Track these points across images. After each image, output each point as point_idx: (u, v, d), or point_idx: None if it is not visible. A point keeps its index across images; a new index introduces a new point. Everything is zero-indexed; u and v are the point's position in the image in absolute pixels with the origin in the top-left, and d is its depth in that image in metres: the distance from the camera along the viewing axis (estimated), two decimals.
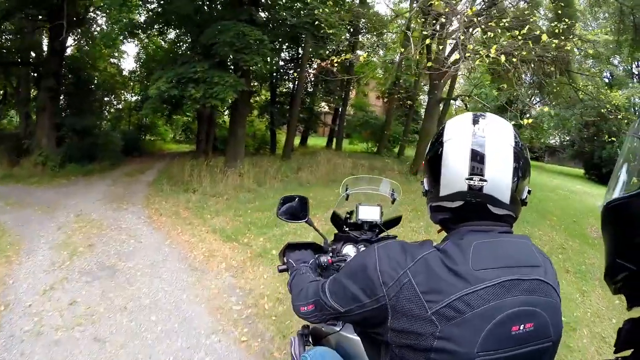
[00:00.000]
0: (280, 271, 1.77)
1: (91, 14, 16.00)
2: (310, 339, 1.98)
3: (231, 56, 9.62)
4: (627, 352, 0.87)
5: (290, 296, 1.45)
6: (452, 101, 19.26)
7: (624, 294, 0.89)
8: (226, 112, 18.44)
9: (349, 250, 1.94)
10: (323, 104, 23.86)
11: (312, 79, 20.79)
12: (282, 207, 1.98)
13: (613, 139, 11.87)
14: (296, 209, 1.98)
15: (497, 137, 1.01)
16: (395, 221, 2.09)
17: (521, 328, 0.91)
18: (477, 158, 0.99)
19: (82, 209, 8.04)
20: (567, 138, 28.64)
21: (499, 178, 0.98)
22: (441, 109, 16.63)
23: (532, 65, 12.64)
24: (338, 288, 1.11)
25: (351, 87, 21.79)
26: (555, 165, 29.64)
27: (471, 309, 0.88)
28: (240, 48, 9.48)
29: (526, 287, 0.93)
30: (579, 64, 12.98)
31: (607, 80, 19.27)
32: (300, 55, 17.90)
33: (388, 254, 1.00)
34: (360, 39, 18.17)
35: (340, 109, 21.83)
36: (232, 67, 11.12)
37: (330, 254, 1.86)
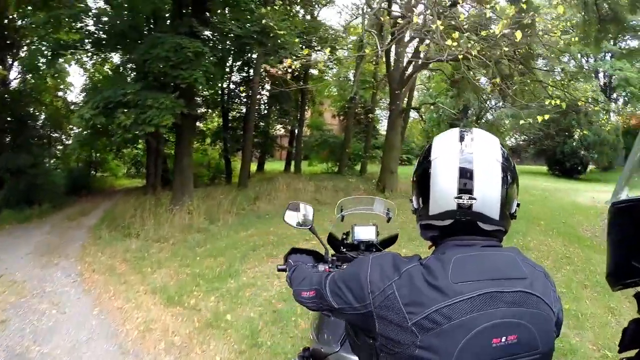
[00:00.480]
0: (280, 270, 1.76)
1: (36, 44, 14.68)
2: None
3: (167, 73, 8.17)
4: (632, 352, 0.86)
5: None
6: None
7: (635, 296, 0.90)
8: None
9: None
10: (278, 126, 22.84)
11: (266, 100, 19.79)
12: (289, 213, 1.96)
13: (585, 132, 11.64)
14: (302, 217, 1.95)
15: (484, 153, 1.01)
16: (391, 240, 2.07)
17: (503, 340, 0.91)
18: (466, 176, 0.99)
19: (8, 267, 6.83)
20: (524, 137, 29.17)
21: (488, 195, 0.99)
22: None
23: (493, 68, 12.29)
24: (335, 287, 1.14)
25: (306, 107, 20.97)
26: (516, 165, 30.06)
27: (448, 321, 0.89)
28: (177, 63, 8.11)
29: (509, 300, 0.93)
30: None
31: (558, 78, 19.56)
32: (251, 77, 16.70)
33: (379, 265, 1.03)
34: (313, 56, 17.48)
35: (296, 130, 20.93)
36: (174, 87, 9.69)
37: (329, 264, 1.85)
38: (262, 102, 20.12)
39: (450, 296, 0.90)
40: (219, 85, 17.48)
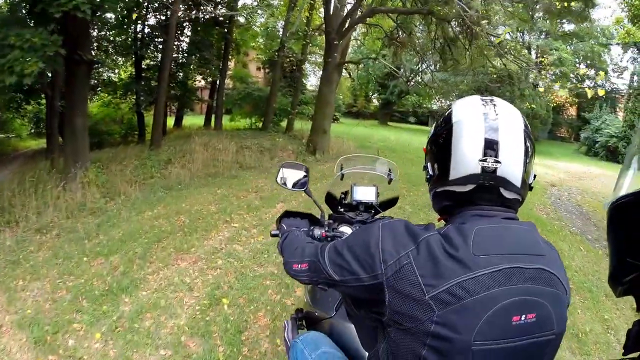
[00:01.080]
0: (273, 235, 1.67)
1: None
2: (304, 323, 1.89)
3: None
4: (636, 354, 0.81)
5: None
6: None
7: (634, 295, 0.83)
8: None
9: (345, 229, 1.79)
10: (198, 77, 20.50)
11: (185, 47, 17.52)
12: (282, 174, 1.86)
13: (532, 106, 11.36)
14: (296, 178, 1.84)
15: (508, 119, 0.97)
16: (391, 202, 1.99)
17: (522, 318, 0.86)
18: (491, 139, 0.94)
19: None
20: (449, 103, 29.73)
21: (512, 160, 0.95)
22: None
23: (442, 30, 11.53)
24: (337, 257, 1.05)
25: (230, 57, 18.86)
26: None
27: (470, 295, 0.83)
28: None
29: (529, 276, 0.88)
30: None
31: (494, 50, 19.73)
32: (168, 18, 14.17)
33: (392, 233, 0.96)
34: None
35: (218, 82, 18.88)
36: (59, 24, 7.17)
37: (326, 228, 1.73)
38: (181, 49, 17.77)
39: (473, 269, 0.84)
40: (127, 25, 14.89)
